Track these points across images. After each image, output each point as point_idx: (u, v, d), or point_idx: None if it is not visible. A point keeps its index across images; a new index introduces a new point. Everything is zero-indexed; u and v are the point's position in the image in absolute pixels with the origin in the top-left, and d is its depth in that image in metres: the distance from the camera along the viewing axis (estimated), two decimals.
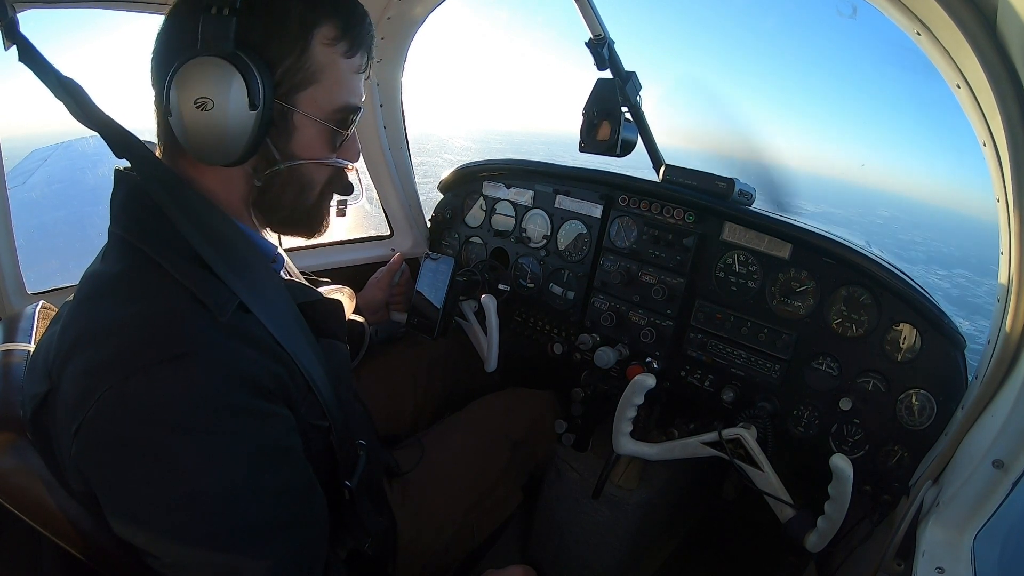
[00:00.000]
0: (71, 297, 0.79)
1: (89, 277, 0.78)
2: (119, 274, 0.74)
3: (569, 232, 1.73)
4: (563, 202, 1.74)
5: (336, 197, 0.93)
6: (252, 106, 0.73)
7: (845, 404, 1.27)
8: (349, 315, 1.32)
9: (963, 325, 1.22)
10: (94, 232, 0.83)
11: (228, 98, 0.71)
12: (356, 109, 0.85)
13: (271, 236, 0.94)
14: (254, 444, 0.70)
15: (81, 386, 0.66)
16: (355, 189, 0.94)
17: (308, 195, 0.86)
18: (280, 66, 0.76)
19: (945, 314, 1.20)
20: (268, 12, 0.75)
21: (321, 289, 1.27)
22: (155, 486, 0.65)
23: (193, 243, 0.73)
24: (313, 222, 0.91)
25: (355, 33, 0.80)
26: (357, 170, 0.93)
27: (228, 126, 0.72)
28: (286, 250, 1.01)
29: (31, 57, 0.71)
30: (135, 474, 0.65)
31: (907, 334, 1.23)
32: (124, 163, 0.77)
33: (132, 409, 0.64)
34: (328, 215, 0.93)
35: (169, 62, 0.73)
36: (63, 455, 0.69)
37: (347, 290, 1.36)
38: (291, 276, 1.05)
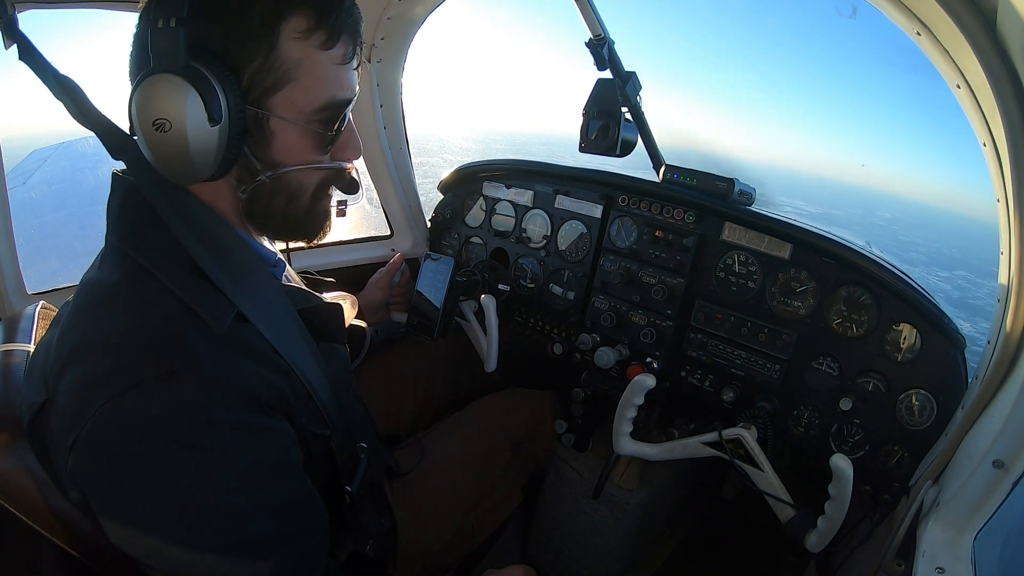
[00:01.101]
0: (71, 298, 0.79)
1: (87, 284, 0.77)
2: (115, 284, 0.73)
3: (569, 232, 1.73)
4: (563, 202, 1.74)
5: (337, 197, 0.89)
6: (212, 121, 0.67)
7: (845, 404, 1.27)
8: (351, 321, 1.32)
9: (964, 327, 1.22)
10: (94, 232, 0.83)
11: (185, 116, 0.66)
12: (343, 104, 0.78)
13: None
14: (251, 460, 0.69)
15: (77, 400, 0.65)
16: (359, 188, 0.90)
17: (299, 201, 0.82)
18: (247, 69, 0.70)
19: (945, 314, 1.20)
20: (225, 13, 0.69)
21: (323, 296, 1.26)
22: (151, 501, 0.65)
23: (190, 250, 0.72)
24: (309, 228, 0.87)
25: (331, 21, 0.72)
26: (357, 170, 0.91)
27: (191, 145, 0.67)
28: (284, 251, 1.01)
29: (31, 56, 0.70)
30: (131, 489, 0.64)
31: (907, 334, 1.23)
32: (122, 165, 0.77)
33: (127, 424, 0.63)
34: (328, 219, 0.88)
35: (132, 81, 0.70)
36: (60, 467, 0.69)
37: (350, 297, 1.35)
38: (291, 281, 1.04)
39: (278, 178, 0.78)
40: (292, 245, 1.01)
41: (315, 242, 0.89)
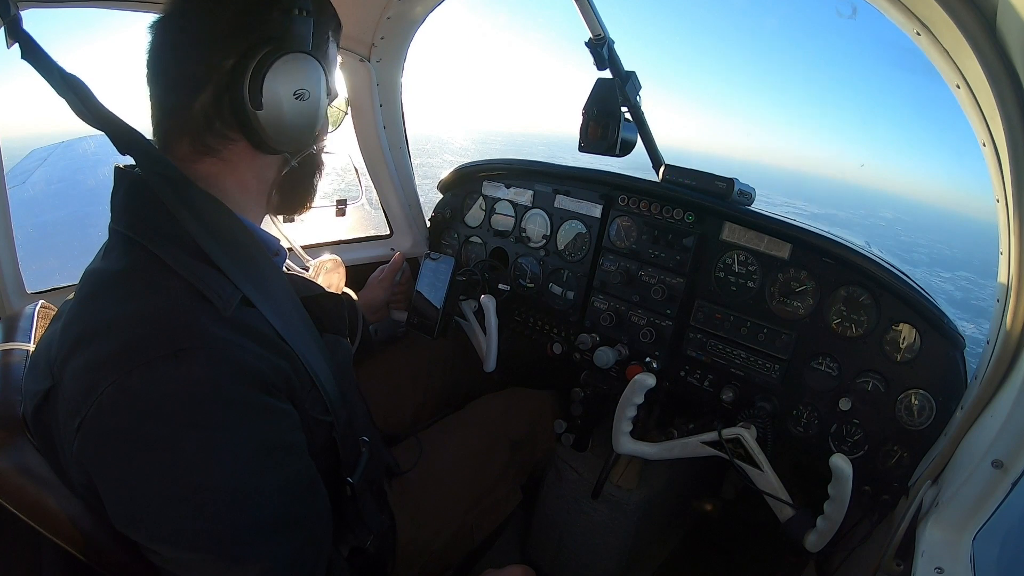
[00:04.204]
0: (71, 296, 0.79)
1: (90, 275, 0.78)
2: (122, 271, 0.73)
3: (569, 232, 1.73)
4: (563, 202, 1.74)
5: (338, 196, 0.97)
6: (330, 96, 0.85)
7: (844, 404, 1.27)
8: (341, 287, 1.35)
9: (967, 328, 1.21)
10: (95, 232, 0.83)
11: (320, 89, 0.81)
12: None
13: (273, 230, 0.96)
14: (257, 440, 0.69)
15: (84, 382, 0.65)
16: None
17: (317, 176, 0.96)
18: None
19: (944, 314, 1.20)
20: (320, 13, 0.84)
21: (314, 262, 1.30)
22: (156, 481, 0.65)
23: (197, 238, 0.73)
24: (310, 201, 0.98)
25: (340, 34, 0.91)
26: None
27: (319, 113, 0.82)
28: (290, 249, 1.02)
29: (34, 54, 0.70)
30: (136, 469, 0.65)
31: (906, 334, 1.24)
32: (123, 161, 0.77)
33: (134, 404, 0.64)
34: None
35: (224, 54, 0.74)
36: (65, 451, 0.69)
37: (335, 258, 1.42)
38: (292, 270, 1.06)
39: (315, 154, 0.92)
40: (302, 241, 1.05)
41: (300, 214, 1.00)
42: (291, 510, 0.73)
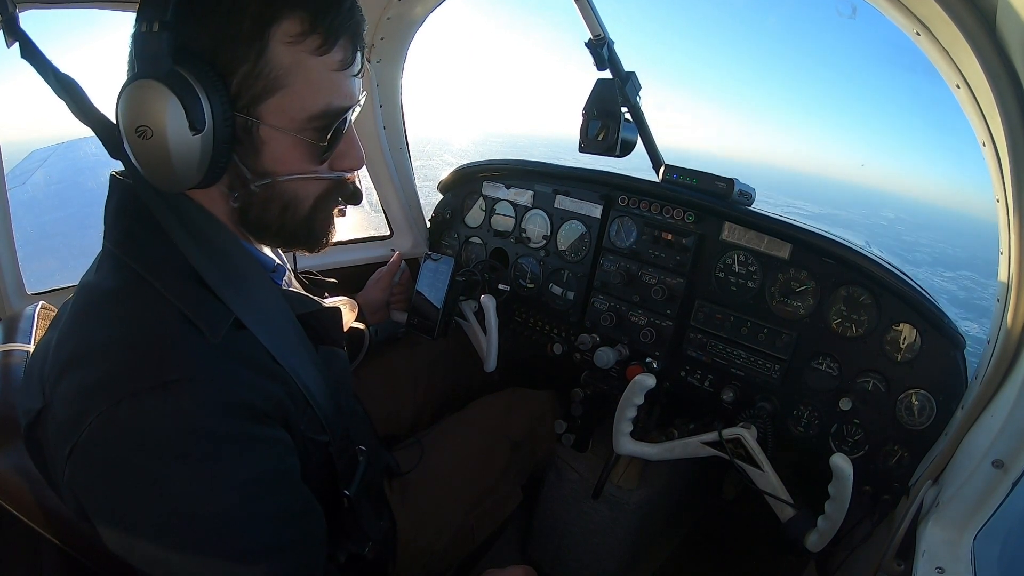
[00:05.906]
0: (71, 297, 0.79)
1: (84, 288, 0.76)
2: (111, 291, 0.72)
3: (569, 232, 1.73)
4: (563, 202, 1.74)
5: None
6: (194, 129, 0.65)
7: (845, 404, 1.27)
8: (351, 324, 1.31)
9: (971, 328, 1.21)
10: (94, 233, 0.82)
11: (166, 123, 0.64)
12: (339, 113, 0.75)
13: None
14: (248, 470, 0.68)
15: (73, 409, 0.64)
16: (361, 199, 0.88)
17: (296, 211, 0.79)
18: (235, 75, 0.68)
19: (945, 314, 1.20)
20: (213, 16, 0.67)
21: (328, 302, 1.25)
22: (146, 511, 0.64)
23: (187, 254, 0.71)
24: (310, 237, 0.84)
25: (327, 25, 0.70)
26: (359, 179, 0.90)
27: (172, 153, 0.65)
28: (287, 251, 1.00)
29: (32, 54, 0.69)
30: (126, 499, 0.64)
31: (907, 334, 1.23)
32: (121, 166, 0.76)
33: (123, 436, 0.63)
34: (330, 227, 0.86)
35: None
36: (57, 474, 0.68)
37: (351, 301, 1.34)
38: (291, 286, 1.01)
39: (270, 187, 0.76)
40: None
41: (315, 251, 0.87)
42: (283, 535, 0.72)
